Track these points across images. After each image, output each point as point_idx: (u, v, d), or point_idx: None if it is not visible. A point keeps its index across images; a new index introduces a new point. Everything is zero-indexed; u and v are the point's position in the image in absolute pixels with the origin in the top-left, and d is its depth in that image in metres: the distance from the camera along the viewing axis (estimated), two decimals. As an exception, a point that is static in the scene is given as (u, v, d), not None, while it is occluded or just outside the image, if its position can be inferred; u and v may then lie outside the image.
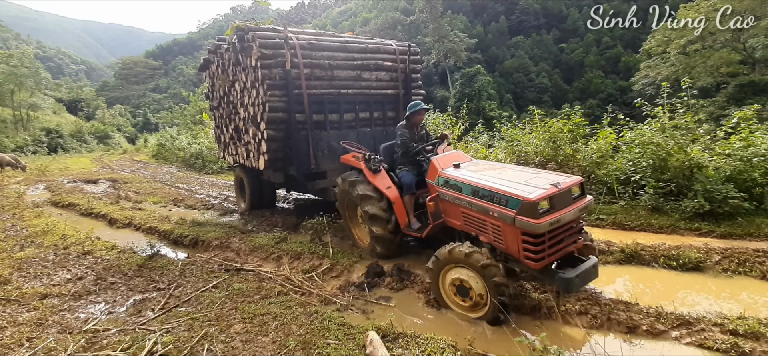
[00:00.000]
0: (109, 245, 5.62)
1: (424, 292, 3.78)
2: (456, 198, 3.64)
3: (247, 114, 6.13)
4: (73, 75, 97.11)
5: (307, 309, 3.44)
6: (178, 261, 4.88)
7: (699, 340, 2.83)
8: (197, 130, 22.12)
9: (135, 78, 72.03)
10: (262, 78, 5.42)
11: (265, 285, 4.06)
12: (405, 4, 65.08)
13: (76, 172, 15.88)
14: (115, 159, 23.64)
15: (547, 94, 51.92)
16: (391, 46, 6.65)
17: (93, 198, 9.52)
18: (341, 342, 2.86)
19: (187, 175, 14.42)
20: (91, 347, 2.97)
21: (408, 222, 4.40)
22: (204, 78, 8.01)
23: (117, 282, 4.32)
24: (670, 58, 31.64)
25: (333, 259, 4.69)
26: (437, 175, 3.91)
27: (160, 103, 61.35)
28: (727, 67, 30.03)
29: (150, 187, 11.46)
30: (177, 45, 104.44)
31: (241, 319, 3.30)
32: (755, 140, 5.60)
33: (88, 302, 3.86)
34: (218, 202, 8.73)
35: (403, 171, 4.56)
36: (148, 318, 3.43)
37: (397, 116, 6.61)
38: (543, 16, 65.04)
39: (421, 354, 2.66)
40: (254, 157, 6.12)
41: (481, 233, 3.48)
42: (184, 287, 4.10)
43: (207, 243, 5.67)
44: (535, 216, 2.92)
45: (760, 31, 28.15)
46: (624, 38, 53.92)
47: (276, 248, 5.16)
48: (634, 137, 6.10)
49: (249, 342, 2.95)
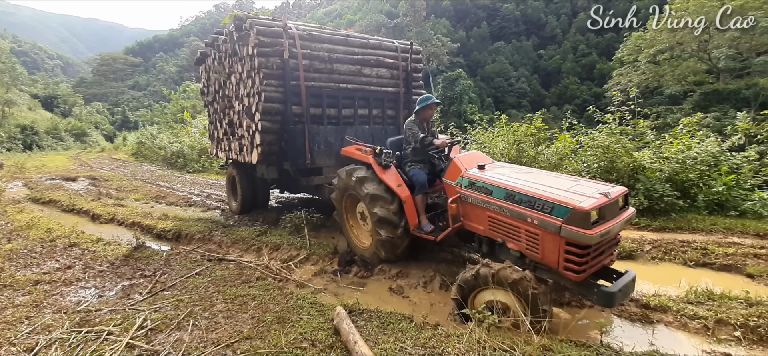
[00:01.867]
0: (95, 238, 5.86)
1: (389, 280, 4.22)
2: (484, 202, 3.47)
3: (241, 106, 6.03)
4: (49, 70, 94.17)
5: (284, 292, 3.83)
6: (163, 252, 5.19)
7: (617, 311, 3.36)
8: (178, 128, 22.09)
9: (114, 75, 70.41)
10: (259, 66, 5.27)
11: (245, 273, 4.43)
12: (389, 6, 65.66)
13: (53, 170, 15.76)
14: (92, 157, 23.35)
15: (526, 99, 53.32)
16: (393, 44, 6.56)
17: (74, 194, 9.62)
18: (313, 317, 3.26)
19: (168, 174, 14.53)
20: (86, 324, 3.29)
21: (418, 224, 4.15)
22: (200, 72, 7.92)
23: (105, 270, 4.61)
24: (640, 67, 33.10)
25: (310, 250, 5.08)
26: (460, 175, 3.72)
27: (140, 100, 60.25)
28: (694, 76, 31.47)
29: (131, 185, 11.58)
30: (158, 42, 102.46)
31: (223, 300, 3.66)
32: (692, 145, 6.26)
33: (79, 287, 4.15)
34: (200, 200, 8.98)
35: (415, 168, 4.31)
36: (136, 301, 3.75)
37: (396, 115, 6.54)
38: (523, 23, 66.67)
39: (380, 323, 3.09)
40: (247, 150, 5.98)
41: (510, 240, 3.32)
42: (169, 274, 4.42)
43: (190, 237, 5.97)
44: (586, 227, 2.74)
45: (723, 43, 29.73)
46: (599, 46, 55.81)
47: (256, 240, 5.52)
48: (587, 141, 6.70)
49: (230, 318, 3.32)
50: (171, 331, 3.15)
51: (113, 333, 3.11)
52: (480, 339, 2.70)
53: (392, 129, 6.45)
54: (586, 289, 3.00)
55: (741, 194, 5.68)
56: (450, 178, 3.86)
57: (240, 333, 3.05)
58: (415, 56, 6.62)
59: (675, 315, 3.25)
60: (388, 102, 6.46)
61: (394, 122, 6.55)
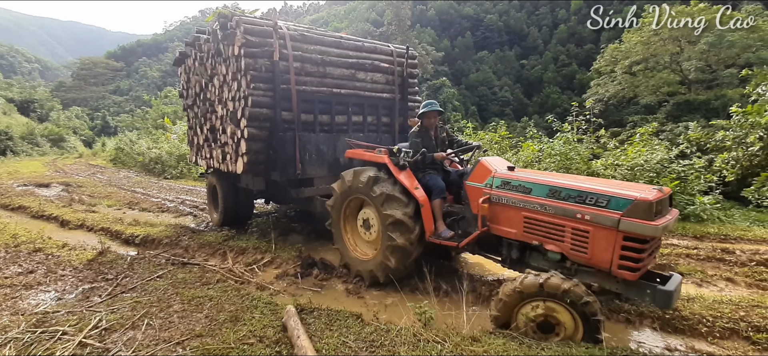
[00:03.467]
0: (61, 243, 5.87)
1: (346, 283, 4.39)
2: (520, 201, 3.31)
3: (225, 111, 5.64)
4: (26, 74, 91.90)
5: (241, 293, 3.96)
6: (128, 257, 5.26)
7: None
8: (158, 134, 21.91)
9: (94, 79, 69.11)
10: (246, 68, 4.94)
11: (207, 276, 4.53)
12: (375, 15, 66.43)
13: (26, 176, 15.45)
14: (69, 163, 22.91)
15: (509, 107, 54.43)
16: (389, 48, 6.31)
17: (45, 201, 9.53)
18: (265, 315, 3.41)
19: (145, 180, 14.42)
20: (42, 324, 3.36)
21: (434, 230, 3.90)
22: (179, 73, 7.44)
23: (67, 274, 4.66)
24: (617, 77, 34.21)
25: (274, 253, 5.21)
26: (491, 175, 3.58)
27: (121, 105, 59.20)
28: (668, 87, 32.58)
29: (105, 191, 11.49)
30: (141, 46, 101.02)
31: (180, 301, 3.77)
32: (642, 153, 6.62)
33: (39, 291, 4.20)
34: (174, 206, 9.01)
35: (430, 173, 4.14)
36: (95, 303, 3.83)
37: (392, 122, 6.28)
38: (506, 33, 68.15)
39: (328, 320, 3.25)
40: (232, 159, 5.58)
41: (549, 241, 3.17)
42: (130, 278, 4.50)
43: (157, 242, 6.03)
44: (649, 218, 2.67)
45: (694, 55, 30.95)
46: (579, 57, 57.40)
47: (223, 245, 5.63)
48: (547, 149, 7.03)
49: (185, 317, 3.44)
50: (125, 330, 3.25)
51: (68, 333, 3.19)
52: (417, 332, 2.90)
53: (387, 137, 6.19)
54: (638, 291, 2.89)
55: (685, 199, 6.04)
56: (476, 180, 3.68)
57: (192, 332, 3.17)
58: (411, 61, 6.37)
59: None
60: (383, 108, 6.17)
61: (389, 130, 6.29)
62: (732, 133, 7.28)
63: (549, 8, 67.73)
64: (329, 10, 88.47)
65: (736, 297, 3.80)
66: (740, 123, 7.10)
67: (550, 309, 2.75)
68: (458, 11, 70.32)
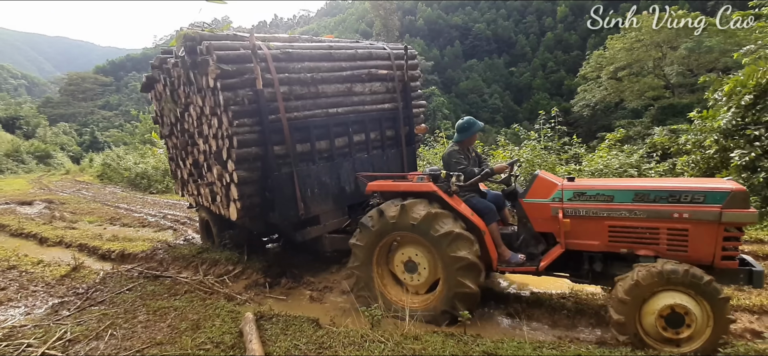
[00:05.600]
0: (36, 260, 5.97)
1: (310, 290, 4.57)
2: (602, 211, 3.19)
3: (208, 147, 4.94)
4: (11, 90, 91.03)
5: (206, 303, 4.10)
6: (101, 272, 5.36)
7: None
8: (145, 149, 21.95)
9: (82, 94, 68.75)
10: (225, 103, 4.20)
11: (176, 287, 4.66)
12: (364, 26, 67.11)
13: (9, 194, 15.40)
14: (55, 180, 22.81)
15: (499, 114, 55.11)
16: (385, 50, 5.61)
17: (25, 218, 9.58)
18: (225, 323, 3.55)
19: (130, 195, 14.47)
20: (7, 338, 3.48)
21: (499, 257, 3.58)
22: (150, 98, 6.65)
23: (38, 290, 4.77)
24: (602, 83, 34.92)
25: (245, 264, 5.35)
26: (557, 189, 3.38)
27: (110, 120, 58.92)
28: (653, 91, 33.24)
29: (88, 207, 11.53)
30: (130, 61, 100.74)
31: (146, 312, 3.91)
32: (607, 158, 6.90)
33: (9, 307, 4.31)
34: (155, 220, 9.10)
35: (472, 196, 3.78)
36: (62, 316, 3.95)
37: (396, 134, 5.63)
38: (494, 41, 69.18)
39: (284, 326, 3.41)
40: (223, 203, 4.88)
41: (641, 246, 3.08)
42: (101, 291, 4.62)
43: (133, 256, 6.14)
44: (748, 206, 2.82)
45: (676, 60, 31.71)
46: (566, 64, 58.44)
47: (196, 257, 5.74)
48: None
49: (148, 327, 3.58)
50: (89, 341, 3.39)
51: (32, 345, 3.32)
52: (364, 334, 3.07)
53: (394, 152, 5.61)
54: (731, 277, 2.97)
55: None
56: (538, 196, 3.45)
57: (153, 340, 3.31)
58: (412, 62, 5.72)
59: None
60: (386, 121, 5.52)
61: (395, 143, 5.66)
62: (693, 137, 7.58)
63: (536, 16, 68.97)
64: (319, 22, 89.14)
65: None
66: (699, 127, 7.41)
67: (674, 299, 2.71)
68: (447, 21, 71.30)
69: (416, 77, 5.90)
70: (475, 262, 3.35)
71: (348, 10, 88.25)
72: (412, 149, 5.88)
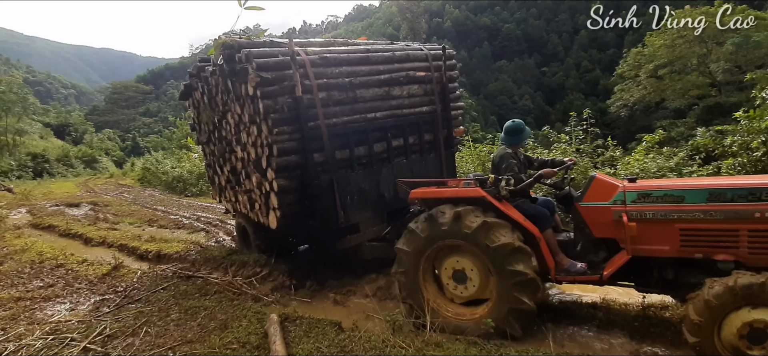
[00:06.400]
0: (81, 259, 6.35)
1: (334, 293, 4.61)
2: (672, 213, 2.92)
3: (246, 155, 4.91)
4: (62, 99, 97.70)
5: (234, 303, 4.24)
6: (138, 271, 5.64)
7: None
8: (181, 154, 22.92)
9: (125, 102, 72.81)
10: (265, 111, 4.18)
11: (208, 288, 4.84)
12: (391, 30, 67.43)
13: (59, 196, 16.48)
14: (100, 183, 24.19)
15: (530, 116, 53.86)
16: (422, 51, 5.42)
17: (72, 219, 10.21)
18: (251, 323, 3.66)
19: (167, 198, 15.13)
20: (54, 332, 3.72)
21: (557, 266, 3.37)
22: (188, 106, 6.70)
23: (82, 287, 5.07)
24: (641, 82, 33.46)
25: (272, 267, 5.47)
26: (618, 191, 3.14)
27: (150, 126, 62.05)
28: (697, 90, 31.59)
29: (129, 209, 12.16)
30: (169, 70, 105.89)
31: (178, 311, 4.08)
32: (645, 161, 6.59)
33: (56, 303, 4.61)
34: (189, 222, 9.47)
35: (526, 202, 3.59)
36: (103, 313, 4.19)
37: (435, 138, 5.43)
38: (525, 41, 67.81)
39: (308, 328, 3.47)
40: (262, 211, 4.88)
41: (719, 251, 2.83)
42: (138, 290, 4.86)
43: (168, 257, 6.41)
44: None
45: (722, 56, 29.99)
46: (602, 62, 56.52)
47: (226, 259, 5.93)
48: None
49: (179, 325, 3.74)
50: (126, 337, 3.58)
51: (75, 340, 3.54)
52: (386, 339, 3.07)
53: (432, 157, 5.44)
54: None
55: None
56: (597, 199, 3.22)
57: (184, 338, 3.46)
58: (450, 62, 5.51)
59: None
60: (425, 125, 5.35)
61: (433, 148, 5.48)
62: (739, 138, 7.12)
63: (569, 14, 66.98)
64: (347, 27, 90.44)
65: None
66: (746, 128, 6.95)
67: (752, 315, 2.46)
68: (475, 22, 70.50)
69: (454, 78, 5.68)
70: (534, 278, 3.12)
71: (375, 14, 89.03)
72: (451, 153, 5.72)
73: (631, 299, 3.72)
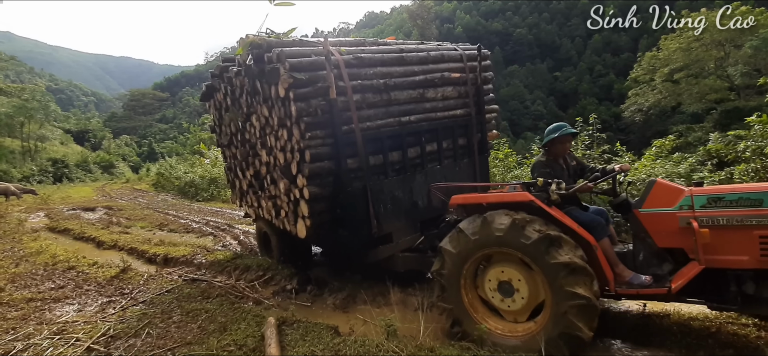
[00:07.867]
0: (92, 261, 6.51)
1: (334, 298, 4.62)
2: (749, 218, 2.63)
3: (272, 159, 4.71)
4: (82, 106, 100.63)
5: (235, 306, 4.29)
6: (145, 274, 5.76)
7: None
8: (194, 159, 23.36)
9: (142, 109, 74.54)
10: (298, 114, 3.93)
11: (211, 291, 4.91)
12: (402, 36, 67.72)
13: (76, 201, 16.94)
14: (116, 188, 24.79)
15: (542, 121, 53.33)
16: (457, 51, 5.14)
17: (86, 223, 10.48)
18: (250, 326, 3.70)
19: (179, 203, 15.42)
20: (61, 332, 3.83)
21: (618, 279, 3.08)
22: (208, 108, 6.49)
23: (91, 289, 5.21)
24: (656, 86, 32.88)
25: (275, 271, 5.54)
26: (684, 195, 2.87)
27: (166, 132, 63.40)
28: (715, 94, 30.92)
29: (141, 214, 12.43)
30: (185, 77, 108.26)
31: (180, 313, 4.16)
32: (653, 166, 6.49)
33: (65, 304, 4.74)
34: (198, 226, 9.64)
35: (577, 209, 3.33)
36: (109, 314, 4.30)
37: (469, 143, 5.15)
38: (537, 46, 67.31)
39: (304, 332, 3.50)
40: (289, 219, 4.62)
41: None
42: (144, 292, 4.97)
43: (175, 260, 6.54)
44: None
45: (740, 59, 29.30)
46: (616, 66, 55.76)
47: (230, 263, 6.01)
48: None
49: (180, 327, 3.81)
50: (128, 338, 3.66)
51: (80, 340, 3.63)
52: (380, 343, 3.08)
53: (466, 162, 5.15)
54: None
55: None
56: (660, 205, 2.94)
57: (183, 340, 3.52)
58: (485, 63, 5.28)
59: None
60: (459, 128, 5.08)
61: (467, 153, 5.20)
62: (753, 143, 6.96)
63: (581, 18, 66.26)
64: (359, 34, 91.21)
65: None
66: (760, 132, 6.79)
67: None
68: (486, 27, 70.29)
69: (489, 79, 5.43)
70: (594, 304, 2.78)
71: (386, 20, 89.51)
72: (485, 158, 5.44)
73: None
